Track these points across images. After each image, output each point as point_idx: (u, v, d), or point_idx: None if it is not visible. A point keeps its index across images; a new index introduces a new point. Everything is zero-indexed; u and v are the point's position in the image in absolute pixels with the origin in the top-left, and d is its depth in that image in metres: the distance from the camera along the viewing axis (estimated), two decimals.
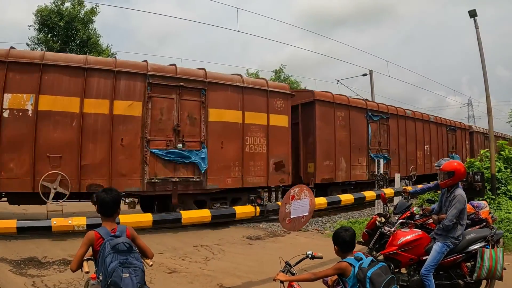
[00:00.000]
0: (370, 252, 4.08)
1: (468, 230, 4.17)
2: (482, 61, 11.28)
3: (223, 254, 6.84)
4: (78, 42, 21.11)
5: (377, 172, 9.61)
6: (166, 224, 6.68)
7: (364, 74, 23.31)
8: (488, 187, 9.72)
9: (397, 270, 4.01)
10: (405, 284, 3.94)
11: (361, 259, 2.74)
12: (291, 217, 4.61)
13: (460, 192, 4.02)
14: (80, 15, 20.65)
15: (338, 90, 33.87)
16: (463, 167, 4.18)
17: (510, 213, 8.51)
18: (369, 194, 7.76)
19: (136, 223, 4.62)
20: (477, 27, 11.19)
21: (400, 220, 4.20)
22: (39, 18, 20.13)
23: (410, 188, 5.22)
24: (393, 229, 4.05)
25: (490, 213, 4.65)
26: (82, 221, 4.20)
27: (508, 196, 9.85)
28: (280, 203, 4.72)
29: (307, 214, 4.80)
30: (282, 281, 2.82)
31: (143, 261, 2.69)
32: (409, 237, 3.94)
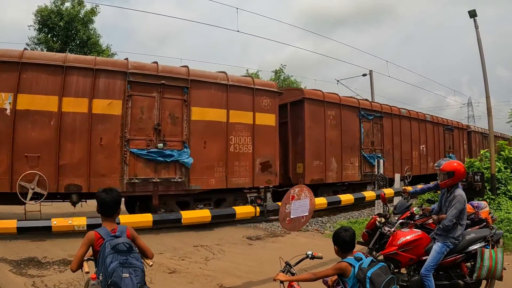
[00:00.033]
0: (370, 252, 4.08)
1: (468, 230, 4.18)
2: (482, 61, 11.30)
3: (223, 254, 6.85)
4: (78, 42, 21.14)
5: (377, 172, 9.63)
6: (166, 224, 6.68)
7: (364, 74, 23.35)
8: (488, 187, 9.73)
9: (397, 270, 4.01)
10: (405, 284, 3.94)
11: (361, 259, 2.75)
12: (291, 217, 4.62)
13: (460, 192, 4.02)
14: (80, 15, 20.68)
15: (338, 90, 33.86)
16: (463, 167, 4.19)
17: (510, 213, 8.52)
18: (369, 194, 7.77)
19: (136, 223, 4.63)
20: (477, 27, 11.21)
21: (400, 220, 4.21)
22: (39, 18, 20.16)
23: (410, 188, 5.23)
24: (393, 229, 4.05)
25: (490, 213, 4.66)
26: (82, 221, 4.20)
27: (508, 196, 9.86)
28: (280, 203, 4.72)
29: (307, 214, 4.81)
30: (282, 281, 2.82)
31: (143, 261, 2.69)
32: (409, 237, 3.95)
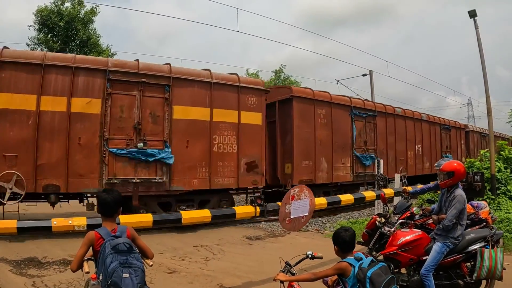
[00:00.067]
0: (370, 252, 4.08)
1: (468, 230, 4.18)
2: (482, 62, 11.30)
3: (223, 254, 6.85)
4: (78, 42, 21.15)
5: (377, 172, 9.61)
6: (166, 224, 6.67)
7: (364, 74, 23.35)
8: (488, 187, 9.74)
9: (397, 270, 4.02)
10: (405, 284, 3.94)
11: (361, 259, 2.75)
12: (291, 217, 4.62)
13: (460, 192, 4.02)
14: (80, 15, 20.70)
15: (338, 90, 33.91)
16: (463, 167, 4.19)
17: (510, 213, 8.52)
18: (369, 195, 7.76)
19: (136, 223, 4.62)
20: (477, 27, 11.21)
21: (400, 220, 4.21)
22: (39, 18, 20.17)
23: (410, 188, 5.23)
24: (393, 229, 4.05)
25: (490, 213, 4.66)
26: (83, 221, 4.19)
27: (508, 196, 9.86)
28: (280, 203, 4.73)
29: (307, 214, 4.81)
30: (282, 281, 2.83)
31: (143, 261, 2.69)
32: (409, 237, 3.95)
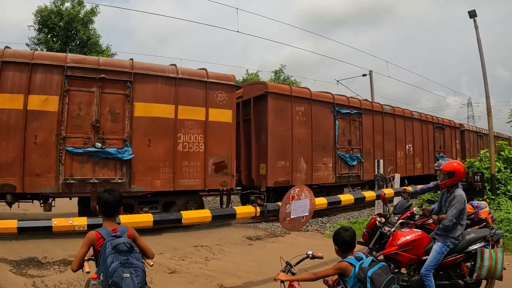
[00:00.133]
0: (370, 252, 4.09)
1: (468, 230, 4.18)
2: (482, 62, 11.31)
3: (223, 254, 6.85)
4: (78, 42, 21.20)
5: (377, 172, 9.61)
6: (165, 224, 6.66)
7: (364, 75, 23.37)
8: (488, 187, 9.75)
9: (397, 270, 4.02)
10: (405, 284, 3.95)
11: (362, 259, 2.75)
12: (291, 217, 4.63)
13: (460, 192, 4.03)
14: (80, 16, 20.74)
15: (338, 90, 33.90)
16: (463, 167, 4.20)
17: (510, 213, 8.53)
18: (369, 195, 7.76)
19: (136, 223, 4.62)
20: (477, 28, 11.22)
21: (400, 220, 4.21)
22: (39, 18, 20.21)
23: (410, 188, 5.24)
24: (393, 229, 4.06)
25: (490, 213, 4.66)
26: (83, 221, 4.19)
27: (508, 196, 9.88)
28: (281, 203, 4.73)
29: (307, 215, 4.82)
30: (283, 281, 2.83)
31: (144, 261, 2.69)
32: (409, 237, 3.95)
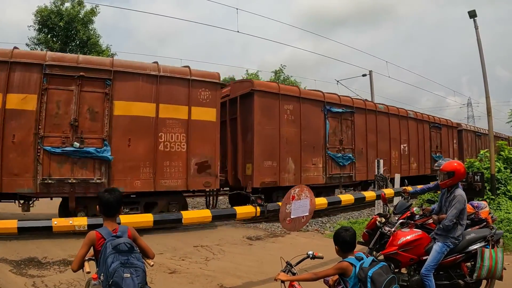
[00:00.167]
0: (371, 252, 4.08)
1: (468, 230, 4.18)
2: (482, 62, 11.31)
3: (223, 254, 6.85)
4: (78, 43, 21.19)
5: (377, 172, 9.61)
6: (165, 225, 6.66)
7: (364, 75, 23.39)
8: (488, 187, 9.76)
9: (397, 270, 4.02)
10: (406, 284, 3.95)
11: (362, 259, 2.76)
12: (292, 217, 4.63)
13: (460, 192, 4.03)
14: (80, 16, 20.72)
15: (338, 91, 33.85)
16: (463, 167, 4.20)
17: (510, 213, 8.54)
18: (369, 195, 7.77)
19: (137, 223, 4.62)
20: (477, 28, 11.23)
21: (400, 220, 4.21)
22: (39, 19, 20.19)
23: (410, 189, 5.23)
24: (393, 229, 4.05)
25: (490, 213, 4.66)
26: (83, 221, 4.20)
27: (508, 196, 9.89)
28: (281, 203, 4.73)
29: (307, 215, 4.82)
30: (283, 281, 2.83)
31: (145, 262, 2.69)
32: (409, 237, 3.95)
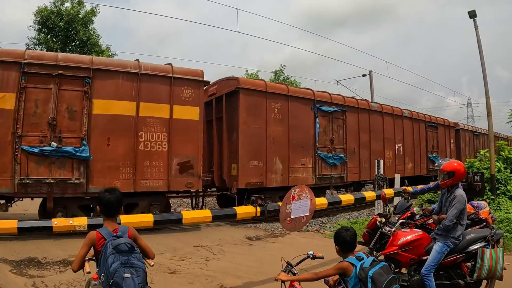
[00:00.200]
0: (371, 252, 4.09)
1: (468, 230, 4.18)
2: (482, 62, 11.32)
3: (223, 255, 6.85)
4: (78, 43, 21.20)
5: (377, 172, 9.61)
6: (166, 225, 6.66)
7: (364, 75, 23.40)
8: (488, 188, 9.77)
9: (398, 270, 4.02)
10: (406, 284, 3.95)
11: (363, 259, 2.76)
12: (292, 218, 4.63)
13: (460, 192, 4.03)
14: (80, 16, 20.73)
15: (338, 91, 33.85)
16: (463, 167, 4.20)
17: (510, 213, 8.55)
18: (369, 195, 7.77)
19: (137, 223, 4.62)
20: (477, 28, 11.24)
21: (401, 220, 4.21)
22: (39, 19, 20.20)
23: (410, 189, 5.23)
24: (394, 229, 4.06)
25: (490, 213, 4.66)
26: (83, 222, 4.19)
27: (508, 196, 9.90)
28: (281, 203, 4.73)
29: (308, 215, 4.82)
30: (284, 281, 2.83)
31: (145, 262, 2.69)
32: (410, 237, 3.96)
